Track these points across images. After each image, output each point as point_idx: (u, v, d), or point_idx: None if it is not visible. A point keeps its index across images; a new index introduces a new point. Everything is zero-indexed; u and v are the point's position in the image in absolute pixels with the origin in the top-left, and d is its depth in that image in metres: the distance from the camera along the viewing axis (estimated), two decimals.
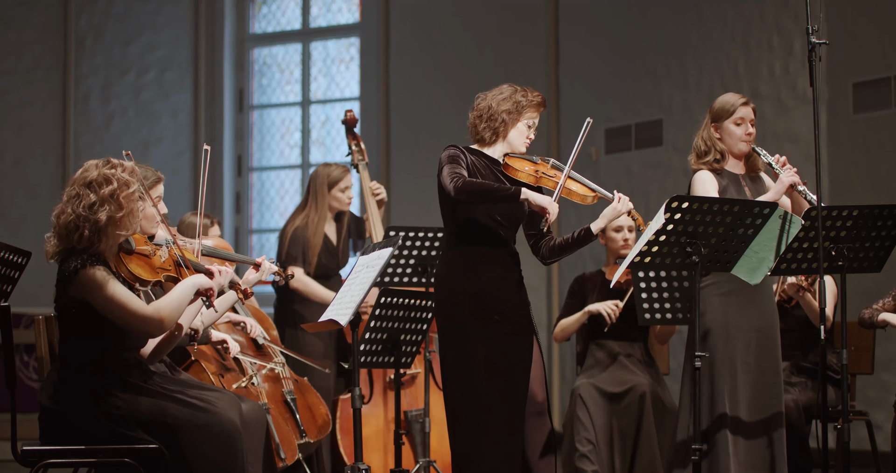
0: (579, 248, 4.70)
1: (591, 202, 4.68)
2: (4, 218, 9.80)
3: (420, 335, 5.15)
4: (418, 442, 6.01)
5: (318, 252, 6.26)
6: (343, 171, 6.35)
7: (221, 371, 5.18)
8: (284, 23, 10.43)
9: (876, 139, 7.46)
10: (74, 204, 3.99)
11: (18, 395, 4.27)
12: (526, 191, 4.48)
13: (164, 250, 4.18)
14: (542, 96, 4.77)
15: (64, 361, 4.07)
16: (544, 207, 4.48)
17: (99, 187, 3.99)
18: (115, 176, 4.02)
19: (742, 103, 5.01)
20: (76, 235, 3.98)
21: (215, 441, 3.99)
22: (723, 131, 5.00)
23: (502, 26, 9.19)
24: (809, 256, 4.58)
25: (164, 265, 4.15)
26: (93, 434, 4.01)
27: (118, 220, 3.99)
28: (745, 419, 4.86)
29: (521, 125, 4.71)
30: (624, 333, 6.09)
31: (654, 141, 8.24)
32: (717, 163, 5.00)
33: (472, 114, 4.77)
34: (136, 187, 4.05)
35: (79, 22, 10.12)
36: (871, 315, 5.38)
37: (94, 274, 3.93)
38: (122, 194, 4.01)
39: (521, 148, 4.74)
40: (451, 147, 4.71)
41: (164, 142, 10.23)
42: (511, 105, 4.69)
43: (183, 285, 4.06)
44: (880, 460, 5.85)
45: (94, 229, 3.97)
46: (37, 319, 4.41)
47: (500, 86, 4.77)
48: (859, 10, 7.51)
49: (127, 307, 3.94)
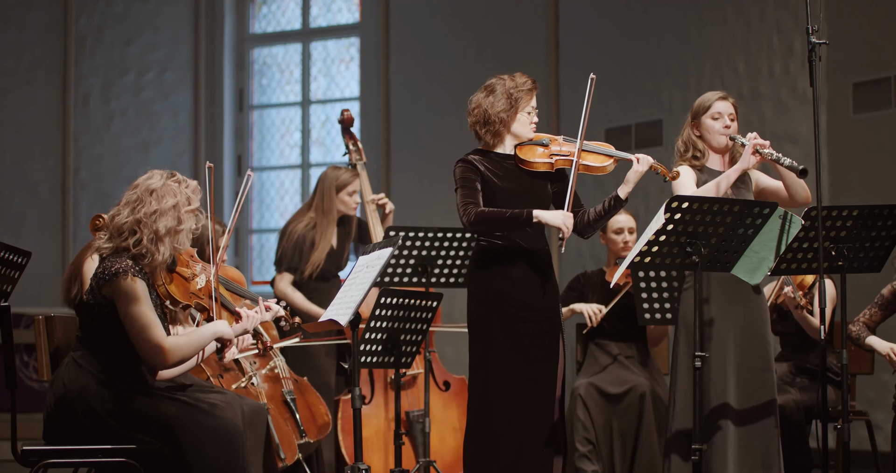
0: (612, 216, 4.74)
1: (612, 169, 4.69)
2: (4, 218, 9.80)
3: (420, 335, 5.15)
4: (419, 443, 6.01)
5: (322, 257, 6.24)
6: (352, 175, 6.35)
7: (220, 372, 5.19)
8: (284, 23, 10.43)
9: (876, 139, 7.46)
10: (136, 208, 4.06)
11: (18, 395, 4.27)
12: (538, 213, 4.54)
13: (202, 278, 4.24)
14: (532, 79, 4.76)
15: (76, 358, 4.08)
16: (558, 226, 4.54)
17: (162, 197, 4.09)
18: (178, 191, 4.12)
19: (719, 98, 4.99)
20: (133, 239, 4.05)
21: (217, 443, 4.00)
22: (701, 128, 4.98)
23: (502, 26, 9.19)
24: (809, 256, 4.58)
25: (199, 293, 4.22)
26: (97, 434, 4.02)
27: (175, 233, 4.09)
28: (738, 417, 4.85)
29: (520, 116, 4.72)
30: (623, 334, 6.10)
31: (654, 141, 8.24)
32: (697, 160, 4.98)
33: (469, 119, 4.78)
34: (196, 204, 4.16)
35: (79, 22, 10.12)
36: (857, 335, 5.31)
37: (133, 286, 4.00)
38: (184, 210, 4.11)
39: (528, 135, 4.76)
40: (461, 164, 4.73)
41: (164, 142, 10.23)
42: (505, 102, 4.68)
43: (205, 331, 4.15)
44: (880, 460, 5.85)
45: (153, 238, 4.05)
46: (37, 319, 4.41)
47: (487, 82, 4.74)
48: (859, 10, 7.50)
49: (147, 331, 4.00)
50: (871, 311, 5.34)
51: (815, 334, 5.41)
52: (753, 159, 4.77)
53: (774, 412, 4.88)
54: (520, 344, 4.64)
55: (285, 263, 6.24)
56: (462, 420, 6.17)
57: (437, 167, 9.28)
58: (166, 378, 4.30)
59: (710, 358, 4.76)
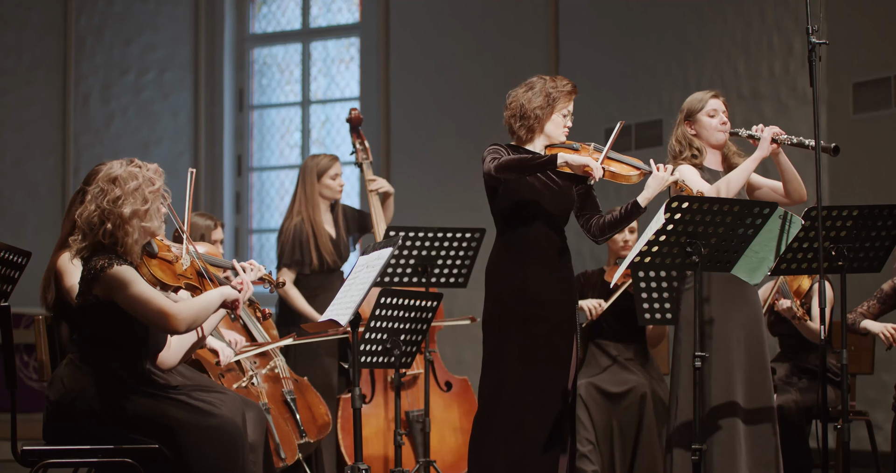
0: (629, 223, 4.72)
1: (636, 181, 4.67)
2: (4, 218, 9.80)
3: (420, 335, 5.15)
4: (419, 443, 6.01)
5: (326, 243, 6.20)
6: (331, 159, 6.30)
7: (222, 371, 5.19)
8: (284, 23, 10.43)
9: (876, 139, 7.46)
10: (99, 200, 4.04)
11: (18, 395, 4.27)
12: (563, 154, 4.48)
13: (186, 259, 4.24)
14: (573, 84, 4.77)
15: (74, 360, 4.08)
16: (585, 163, 4.46)
17: (124, 182, 4.05)
18: (140, 174, 4.08)
19: (711, 96, 5.00)
20: (101, 230, 4.02)
21: (217, 443, 4.00)
22: (698, 126, 4.98)
23: (502, 26, 9.19)
24: (809, 256, 4.58)
25: (186, 273, 4.21)
26: (97, 434, 4.02)
27: (142, 214, 4.04)
28: (742, 416, 4.86)
29: (555, 117, 4.72)
30: (623, 334, 6.10)
31: (654, 141, 8.24)
32: (696, 158, 4.99)
33: (505, 112, 4.77)
34: (160, 184, 4.11)
35: (79, 22, 10.11)
36: (853, 321, 5.37)
37: (121, 271, 3.97)
38: (148, 190, 4.06)
39: (560, 138, 4.76)
40: (493, 144, 4.73)
41: (164, 142, 10.23)
42: (542, 99, 4.69)
43: (211, 295, 4.12)
44: (880, 460, 5.85)
45: (118, 223, 4.01)
46: (37, 319, 4.42)
47: (528, 80, 4.76)
48: (859, 10, 7.50)
49: (152, 302, 3.97)
50: (870, 303, 5.38)
51: (816, 338, 5.41)
52: (772, 147, 4.75)
53: (774, 412, 4.89)
54: (534, 344, 4.64)
55: (286, 258, 6.20)
56: (463, 421, 6.18)
57: (437, 167, 9.29)
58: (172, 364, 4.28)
59: (712, 358, 4.77)
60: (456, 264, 5.68)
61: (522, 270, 4.68)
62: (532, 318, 4.65)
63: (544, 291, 4.67)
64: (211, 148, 10.27)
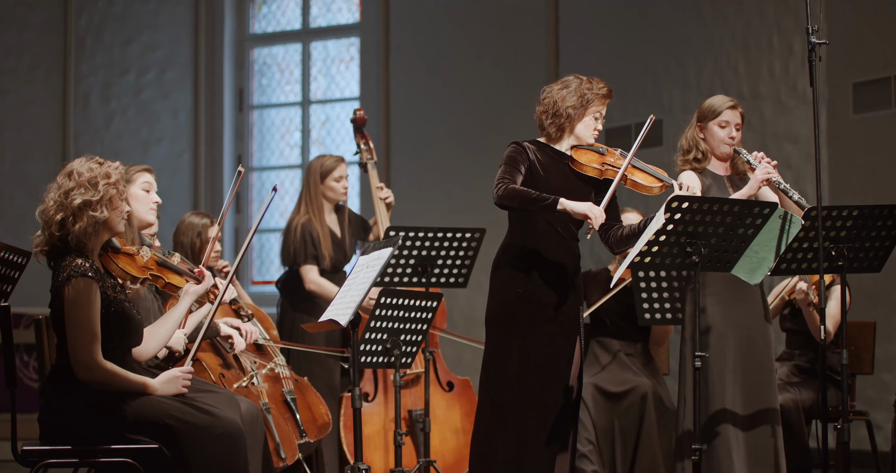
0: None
1: (659, 192, 4.66)
2: (4, 218, 9.80)
3: (420, 335, 5.15)
4: (420, 442, 6.02)
5: (328, 244, 6.21)
6: (336, 160, 6.31)
7: (223, 371, 5.19)
8: (284, 23, 10.43)
9: (876, 139, 7.46)
10: (54, 193, 4.07)
11: (18, 395, 4.26)
12: (563, 201, 4.46)
13: (145, 251, 4.26)
14: (609, 87, 4.75)
15: (61, 364, 4.07)
16: (584, 213, 4.47)
17: (78, 175, 4.07)
18: (96, 168, 4.09)
19: (729, 106, 5.01)
20: (53, 222, 4.03)
21: (217, 442, 4.00)
22: (707, 132, 5.00)
23: (502, 27, 9.19)
24: (809, 256, 4.58)
25: (148, 264, 4.23)
26: (92, 436, 4.01)
27: (94, 204, 4.03)
28: (742, 416, 4.86)
29: (587, 119, 4.71)
30: (625, 332, 6.10)
31: (654, 141, 8.24)
32: (698, 162, 5.00)
33: (538, 108, 4.76)
34: (116, 176, 4.11)
35: (79, 22, 10.12)
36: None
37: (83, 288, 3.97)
38: (102, 182, 4.07)
39: (588, 140, 4.74)
40: (514, 145, 4.71)
41: (164, 142, 10.23)
42: (576, 99, 4.67)
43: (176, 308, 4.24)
44: (880, 460, 5.85)
45: (69, 213, 4.02)
46: (37, 319, 4.42)
47: (565, 78, 4.74)
48: (859, 10, 7.50)
49: (87, 334, 3.96)
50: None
51: (817, 333, 5.42)
52: (761, 184, 4.82)
53: (777, 413, 4.89)
54: (538, 342, 4.63)
55: (303, 255, 6.20)
56: (464, 422, 6.18)
57: (437, 167, 9.29)
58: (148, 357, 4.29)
59: (716, 358, 4.78)
60: (456, 264, 5.68)
61: (531, 268, 4.67)
62: (538, 316, 4.64)
63: (551, 290, 4.66)
64: (211, 148, 10.26)
